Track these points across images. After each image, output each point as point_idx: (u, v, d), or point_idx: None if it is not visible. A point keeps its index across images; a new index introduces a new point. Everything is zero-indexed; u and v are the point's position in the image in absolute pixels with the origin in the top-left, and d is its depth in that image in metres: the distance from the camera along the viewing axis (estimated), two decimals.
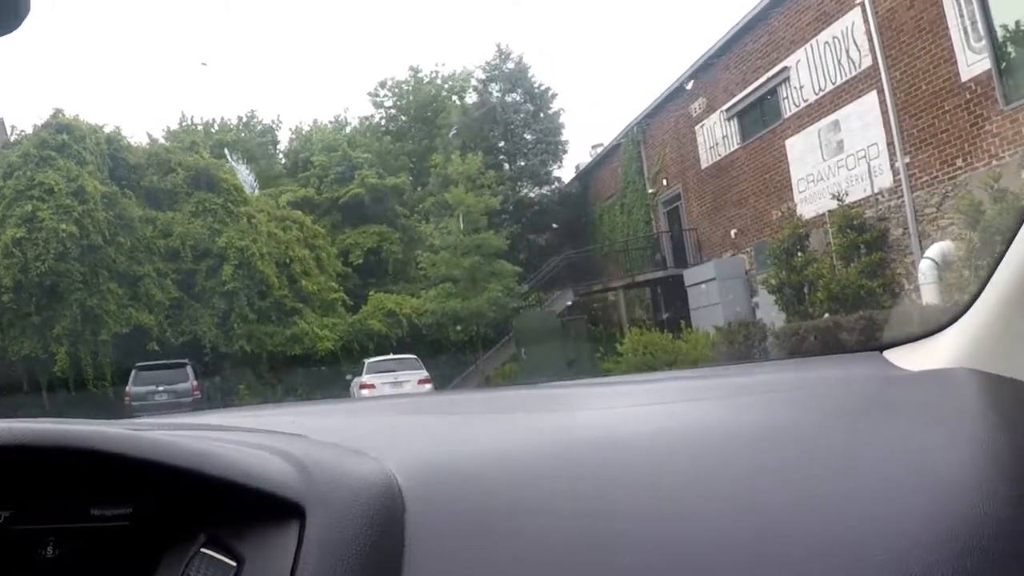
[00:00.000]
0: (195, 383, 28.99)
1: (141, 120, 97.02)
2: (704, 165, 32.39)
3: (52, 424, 1.42)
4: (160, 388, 28.37)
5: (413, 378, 28.87)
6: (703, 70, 31.78)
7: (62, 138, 33.35)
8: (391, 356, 31.19)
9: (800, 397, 1.84)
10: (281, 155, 53.47)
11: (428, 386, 28.87)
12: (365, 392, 28.33)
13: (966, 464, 1.41)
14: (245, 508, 1.37)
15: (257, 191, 31.95)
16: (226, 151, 31.96)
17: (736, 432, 1.61)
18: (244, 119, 54.36)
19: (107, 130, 36.02)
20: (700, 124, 32.26)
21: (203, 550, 1.35)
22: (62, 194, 31.84)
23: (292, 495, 1.35)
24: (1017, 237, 1.60)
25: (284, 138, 55.43)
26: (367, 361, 30.49)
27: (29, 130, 35.16)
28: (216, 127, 51.64)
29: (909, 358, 1.90)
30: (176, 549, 1.38)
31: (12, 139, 35.93)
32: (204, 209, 35.46)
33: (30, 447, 1.38)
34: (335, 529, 1.31)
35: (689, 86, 30.74)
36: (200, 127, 49.81)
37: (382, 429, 1.95)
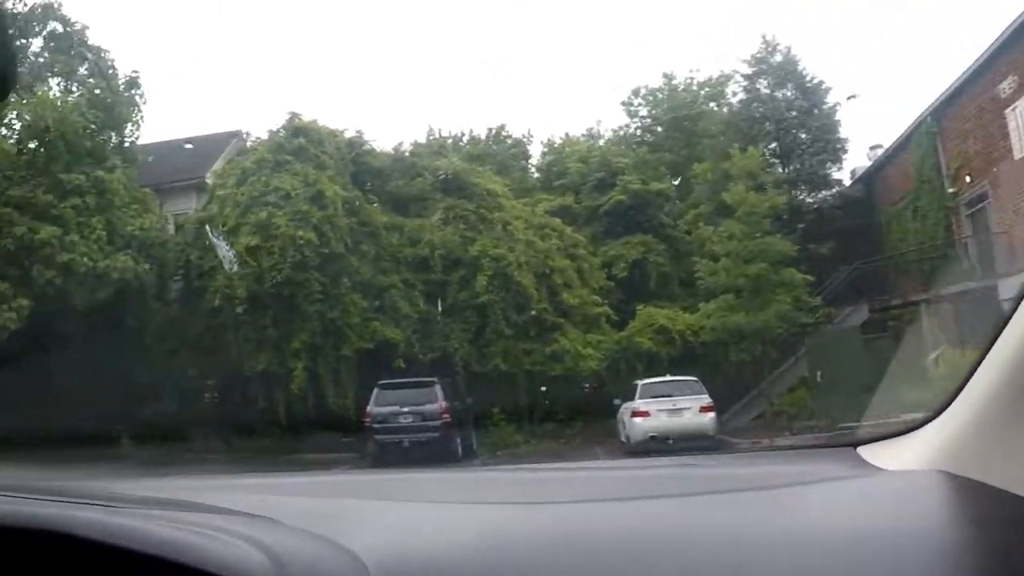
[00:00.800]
0: (444, 405, 26.46)
1: (387, 136, 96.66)
2: (1018, 155, 27.80)
3: (26, 507, 1.52)
4: (405, 409, 26.13)
5: (694, 404, 26.03)
6: (1013, 41, 26.72)
7: (299, 142, 31.96)
8: (668, 378, 28.05)
9: (774, 496, 1.84)
10: (533, 169, 50.93)
11: (711, 414, 26.08)
12: (638, 420, 25.84)
13: (937, 570, 1.42)
14: None
15: (236, 267, 28.96)
16: (207, 229, 28.97)
17: (712, 534, 1.60)
18: (494, 132, 52.29)
19: (348, 135, 34.52)
20: (1011, 107, 27.56)
21: None
22: (299, 199, 30.18)
23: None
24: (997, 342, 1.68)
25: (536, 152, 53.24)
26: (640, 384, 27.41)
27: (264, 136, 34.28)
28: (465, 140, 49.50)
29: (883, 456, 1.94)
30: None
31: (248, 145, 35.42)
32: (455, 216, 33.39)
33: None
34: None
35: None
36: (449, 140, 47.69)
37: (355, 514, 1.91)
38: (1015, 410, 1.60)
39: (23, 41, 36.00)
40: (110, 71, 34.52)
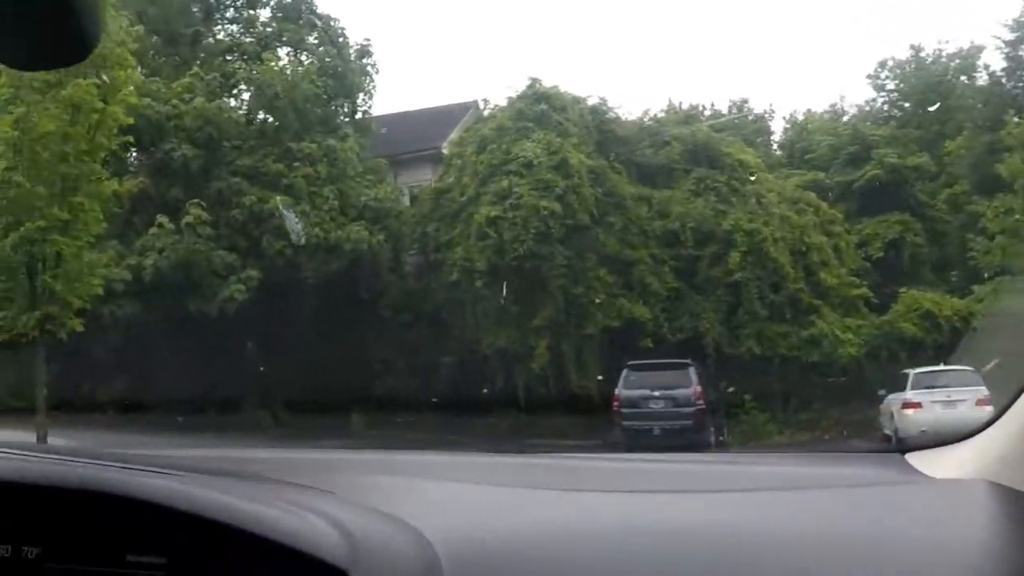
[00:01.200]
0: (698, 389, 24.59)
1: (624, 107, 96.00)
2: None
3: (93, 470, 1.63)
4: (656, 393, 24.28)
5: (970, 396, 22.90)
6: None
7: (540, 108, 30.51)
8: (942, 367, 25.33)
9: (823, 497, 1.85)
10: (775, 145, 48.95)
11: (988, 408, 22.91)
12: (909, 412, 23.57)
13: None
14: (284, 569, 1.43)
15: (303, 240, 27.09)
16: (277, 200, 26.94)
17: (763, 532, 1.62)
18: (736, 105, 50.36)
19: (590, 102, 32.87)
20: None
21: None
22: (542, 168, 28.78)
23: (337, 560, 1.41)
24: None
25: (778, 128, 51.88)
26: (912, 373, 24.79)
27: (503, 103, 32.83)
28: (707, 114, 47.54)
29: (931, 463, 1.93)
30: None
31: (485, 114, 34.29)
32: (706, 187, 31.36)
33: (66, 488, 1.55)
34: None
35: None
36: (690, 113, 46.01)
37: (421, 494, 1.94)
38: None
39: (251, 12, 35.81)
40: (340, 40, 33.89)
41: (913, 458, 1.99)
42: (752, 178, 32.13)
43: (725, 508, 1.78)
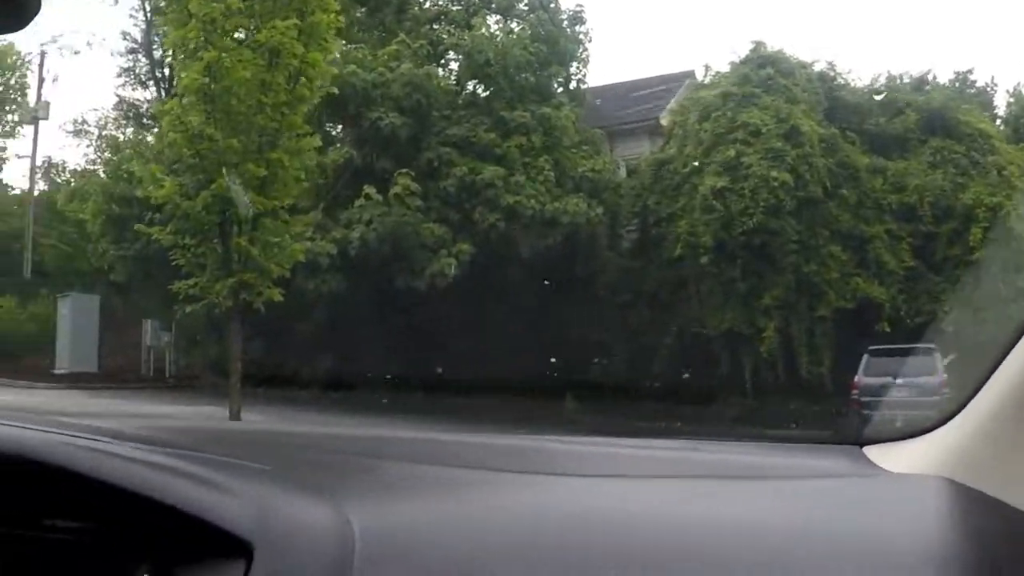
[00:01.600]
0: (943, 377, 22.59)
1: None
2: None
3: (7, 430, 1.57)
4: (898, 380, 22.64)
5: None
6: None
7: (767, 73, 29.11)
8: None
9: (772, 487, 1.81)
10: (999, 120, 46.21)
11: None
12: None
13: None
14: (194, 542, 1.42)
15: (251, 211, 25.21)
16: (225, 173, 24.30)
17: (705, 520, 1.59)
18: (959, 77, 47.70)
19: (817, 67, 31.56)
20: None
21: None
22: (771, 136, 27.36)
23: (241, 533, 1.38)
24: (1014, 350, 1.62)
25: (1000, 103, 48.36)
26: None
27: (725, 68, 31.45)
28: (928, 87, 45.69)
29: (887, 457, 1.89)
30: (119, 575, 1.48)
31: (706, 81, 32.51)
32: (943, 159, 29.34)
33: None
34: (280, 573, 1.35)
35: None
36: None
37: (347, 470, 1.91)
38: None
39: None
40: (551, 5, 32.85)
41: (870, 451, 1.93)
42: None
43: (667, 495, 1.74)
